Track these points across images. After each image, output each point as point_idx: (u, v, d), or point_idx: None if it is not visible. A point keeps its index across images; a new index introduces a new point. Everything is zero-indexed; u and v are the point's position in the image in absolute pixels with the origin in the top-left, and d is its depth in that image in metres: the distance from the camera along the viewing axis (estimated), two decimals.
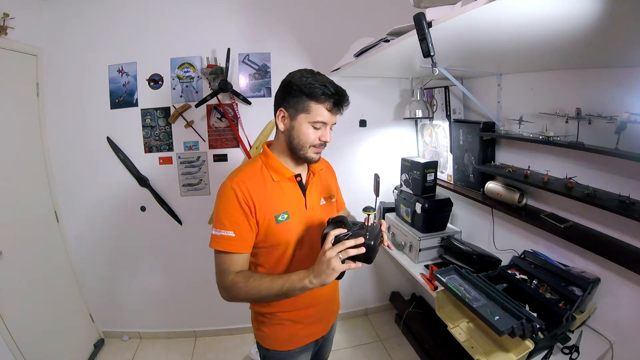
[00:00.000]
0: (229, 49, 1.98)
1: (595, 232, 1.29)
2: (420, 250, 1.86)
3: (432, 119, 2.14)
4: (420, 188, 1.93)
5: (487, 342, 1.28)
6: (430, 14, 0.92)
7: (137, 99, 2.08)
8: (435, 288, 1.57)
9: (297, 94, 0.95)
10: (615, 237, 1.22)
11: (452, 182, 2.02)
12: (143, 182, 2.14)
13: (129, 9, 1.99)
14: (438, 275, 1.45)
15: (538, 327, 1.11)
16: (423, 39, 0.93)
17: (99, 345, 2.28)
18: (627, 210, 1.07)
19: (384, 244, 0.97)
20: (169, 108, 2.10)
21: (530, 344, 1.11)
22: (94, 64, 2.02)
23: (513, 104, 1.61)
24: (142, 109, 2.09)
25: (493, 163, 1.70)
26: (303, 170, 1.10)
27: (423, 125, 2.30)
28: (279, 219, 1.00)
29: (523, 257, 1.51)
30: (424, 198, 1.90)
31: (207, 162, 2.18)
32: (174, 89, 2.09)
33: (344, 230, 0.87)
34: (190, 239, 2.22)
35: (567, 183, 1.28)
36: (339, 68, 1.87)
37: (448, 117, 1.98)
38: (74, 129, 2.07)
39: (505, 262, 1.58)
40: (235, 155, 2.20)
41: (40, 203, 2.00)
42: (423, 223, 1.89)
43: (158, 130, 2.12)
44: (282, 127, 1.01)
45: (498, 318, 1.17)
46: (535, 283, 1.37)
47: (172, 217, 2.21)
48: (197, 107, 2.06)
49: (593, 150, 1.16)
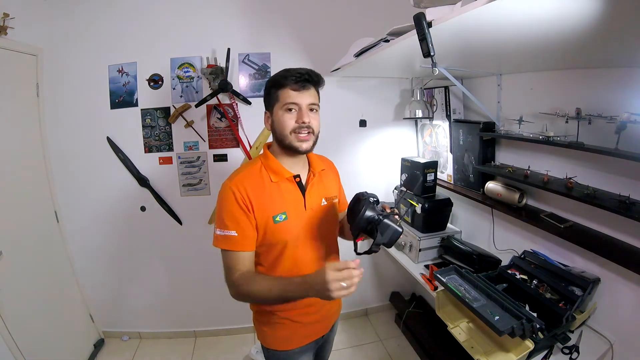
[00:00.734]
0: (229, 49, 1.98)
1: (595, 232, 1.29)
2: (420, 250, 1.86)
3: (432, 119, 2.14)
4: (420, 188, 1.93)
5: (487, 342, 1.28)
6: (430, 14, 0.92)
7: (137, 99, 2.08)
8: (435, 288, 1.57)
9: (269, 91, 1.02)
10: (615, 237, 1.22)
11: (452, 182, 2.02)
12: (143, 182, 2.14)
13: (129, 9, 1.99)
14: (438, 275, 1.45)
15: (538, 327, 1.11)
16: (423, 39, 0.93)
17: (99, 345, 2.28)
18: (627, 210, 1.07)
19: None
20: (169, 108, 2.10)
21: (530, 344, 1.11)
22: (94, 64, 2.02)
23: (513, 104, 1.61)
24: (142, 109, 2.09)
25: (493, 163, 1.70)
26: (303, 171, 1.10)
27: (423, 125, 2.30)
28: (277, 219, 1.01)
29: (523, 257, 1.51)
30: (424, 198, 1.90)
31: (207, 162, 2.18)
32: (174, 89, 2.09)
33: (357, 264, 0.84)
34: (190, 239, 2.22)
35: (567, 183, 1.28)
36: (339, 68, 1.87)
37: (448, 117, 1.98)
38: (74, 129, 2.07)
39: (505, 262, 1.58)
40: (235, 155, 2.20)
41: (40, 203, 2.00)
42: (423, 223, 1.89)
43: (158, 130, 2.12)
44: (268, 127, 1.05)
45: (498, 318, 1.17)
46: (535, 283, 1.37)
47: (172, 217, 2.21)
48: (197, 107, 2.06)
49: (593, 150, 1.16)
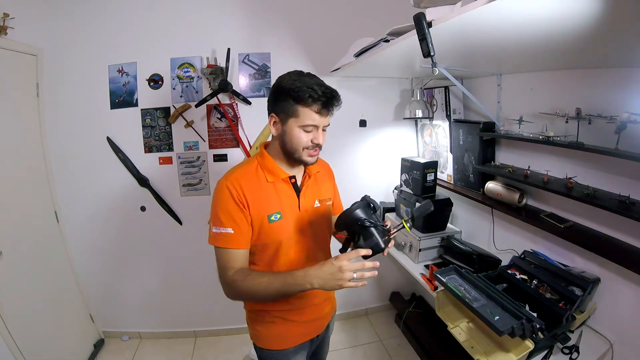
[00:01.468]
0: (229, 49, 1.98)
1: (595, 232, 1.29)
2: (420, 250, 1.86)
3: (432, 119, 2.14)
4: (420, 188, 1.93)
5: (487, 342, 1.28)
6: (430, 14, 0.92)
7: (137, 99, 2.08)
8: (435, 288, 1.57)
9: (285, 99, 0.95)
10: (615, 237, 1.22)
11: (452, 182, 2.02)
12: (143, 182, 2.14)
13: (129, 9, 1.99)
14: (438, 275, 1.45)
15: (538, 327, 1.11)
16: (423, 39, 0.93)
17: (99, 345, 2.28)
18: (627, 210, 1.07)
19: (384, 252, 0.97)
20: (169, 108, 2.10)
21: (530, 344, 1.11)
22: (94, 64, 2.02)
23: (513, 104, 1.61)
24: (142, 109, 2.09)
25: (493, 163, 1.70)
26: (298, 172, 1.10)
27: (423, 125, 2.30)
28: (272, 219, 1.01)
29: (523, 257, 1.51)
30: (424, 198, 1.90)
31: (207, 162, 2.18)
32: (174, 89, 2.09)
33: (369, 252, 0.89)
34: (190, 239, 2.22)
35: (567, 183, 1.28)
36: (339, 68, 1.87)
37: (448, 117, 1.98)
38: (74, 129, 2.07)
39: (505, 262, 1.57)
40: (235, 155, 2.20)
41: (40, 203, 2.00)
42: (423, 223, 1.89)
43: (158, 130, 2.12)
44: (274, 132, 1.02)
45: (498, 318, 1.17)
46: (535, 283, 1.37)
47: (172, 217, 2.21)
48: (197, 107, 2.06)
49: (593, 150, 1.16)
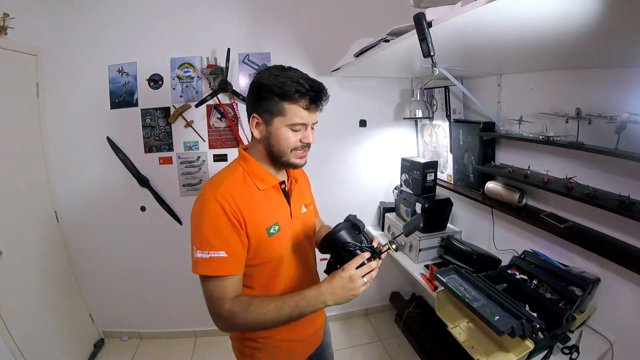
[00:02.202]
0: (229, 49, 1.98)
1: (595, 232, 1.28)
2: (420, 250, 1.86)
3: (432, 119, 2.14)
4: (420, 188, 1.93)
5: (487, 342, 1.28)
6: (430, 14, 0.92)
7: (137, 99, 2.08)
8: (435, 288, 1.57)
9: (268, 96, 0.86)
10: (615, 237, 1.22)
11: (452, 182, 2.02)
12: (143, 182, 2.14)
13: (129, 9, 1.99)
14: (438, 275, 1.45)
15: (538, 327, 1.11)
16: (423, 39, 0.93)
17: (99, 345, 2.28)
18: (627, 210, 1.07)
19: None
20: (169, 108, 2.10)
21: (530, 344, 1.11)
22: (94, 64, 2.02)
23: (513, 104, 1.61)
24: (142, 109, 2.09)
25: (493, 163, 1.70)
26: (284, 177, 1.03)
27: (423, 125, 2.30)
28: (271, 232, 0.91)
29: (523, 257, 1.51)
30: (424, 198, 1.90)
31: (207, 162, 2.18)
32: (174, 89, 2.09)
33: (369, 255, 0.85)
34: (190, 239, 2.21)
35: (567, 183, 1.28)
36: (339, 68, 1.87)
37: (448, 117, 1.98)
38: (74, 129, 2.07)
39: (505, 262, 1.57)
40: (235, 156, 2.18)
41: (40, 203, 2.00)
42: (423, 223, 1.89)
43: (158, 130, 2.12)
44: (257, 134, 0.91)
45: (498, 318, 1.16)
46: (535, 283, 1.37)
47: (172, 217, 2.21)
48: (197, 107, 2.06)
49: (593, 150, 1.16)
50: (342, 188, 2.33)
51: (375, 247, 0.88)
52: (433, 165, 1.94)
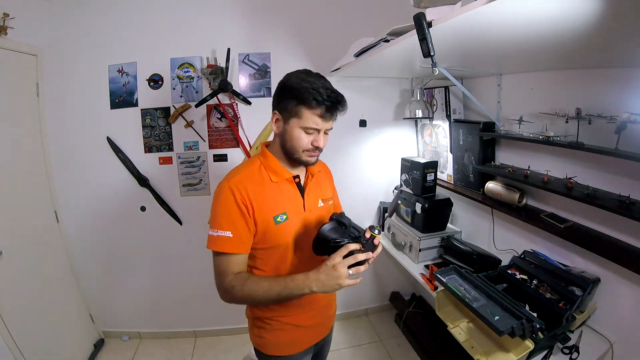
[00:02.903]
0: (229, 49, 1.98)
1: (595, 232, 1.29)
2: (420, 250, 1.86)
3: (432, 119, 2.14)
4: (420, 188, 1.93)
5: (487, 342, 1.27)
6: (430, 14, 0.92)
7: (137, 99, 2.08)
8: (435, 288, 1.57)
9: (289, 98, 0.94)
10: (615, 237, 1.22)
11: (452, 182, 2.02)
12: (143, 182, 2.14)
13: (129, 9, 1.99)
14: (438, 275, 1.45)
15: (538, 327, 1.11)
16: (423, 39, 0.93)
17: (99, 345, 2.28)
18: (627, 210, 1.07)
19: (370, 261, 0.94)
20: (169, 108, 2.09)
21: (530, 344, 1.11)
22: (94, 64, 2.02)
23: (513, 104, 1.61)
24: (142, 109, 2.09)
25: (493, 163, 1.70)
26: (301, 172, 1.09)
27: (423, 125, 2.30)
28: (278, 220, 0.99)
29: (523, 257, 1.51)
30: (424, 198, 1.90)
31: (207, 162, 2.18)
32: (174, 89, 2.09)
33: (358, 246, 0.89)
34: (190, 239, 2.22)
35: (567, 183, 1.28)
36: (339, 68, 1.87)
37: (448, 117, 1.98)
38: (74, 129, 2.07)
39: (505, 262, 1.58)
40: (235, 155, 2.20)
41: (40, 203, 1.99)
42: (423, 223, 1.89)
43: (158, 130, 2.12)
44: (275, 129, 1.00)
45: (498, 318, 1.17)
46: (535, 283, 1.37)
47: (172, 217, 2.21)
48: (197, 107, 2.06)
49: (593, 150, 1.16)
50: (342, 188, 2.31)
51: (367, 237, 0.92)
52: (433, 165, 1.94)
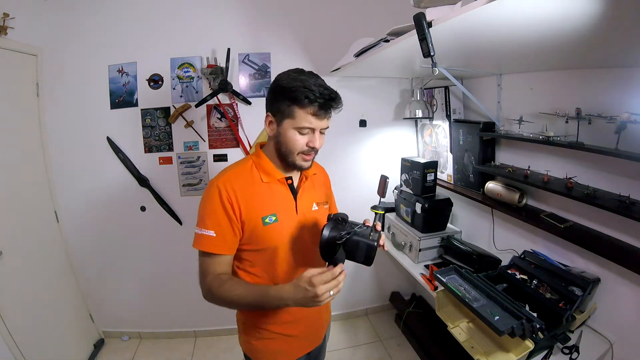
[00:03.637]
0: (229, 49, 1.98)
1: (595, 232, 1.29)
2: (420, 250, 1.86)
3: (432, 119, 2.14)
4: (420, 188, 1.93)
5: (487, 342, 1.27)
6: (430, 14, 0.92)
7: (137, 99, 2.08)
8: (435, 288, 1.57)
9: (281, 98, 0.91)
10: (615, 237, 1.22)
11: (452, 182, 2.02)
12: (143, 182, 2.14)
13: (129, 9, 1.99)
14: (438, 275, 1.45)
15: (538, 327, 1.11)
16: (423, 39, 0.93)
17: (99, 345, 2.28)
18: (627, 210, 1.07)
19: (381, 245, 0.95)
20: (169, 108, 2.09)
21: (530, 344, 1.11)
22: (94, 64, 2.02)
23: (513, 104, 1.61)
24: (142, 109, 2.09)
25: (493, 163, 1.70)
26: (295, 174, 1.06)
27: (423, 125, 2.30)
28: (266, 221, 0.96)
29: (523, 257, 1.51)
30: (424, 198, 1.90)
31: (207, 162, 2.18)
32: (174, 89, 2.09)
33: (337, 272, 0.81)
34: (190, 239, 2.16)
35: (567, 183, 1.28)
36: (339, 68, 1.87)
37: (448, 117, 1.98)
38: (74, 129, 2.07)
39: (505, 262, 1.58)
40: (235, 155, 2.20)
41: (40, 203, 1.99)
42: (423, 223, 1.89)
43: (158, 130, 2.12)
44: (269, 132, 0.98)
45: (498, 318, 1.17)
46: (535, 283, 1.37)
47: (172, 217, 2.21)
48: (197, 107, 2.06)
49: (593, 150, 1.16)
50: (342, 188, 2.32)
51: (369, 224, 0.92)
52: (433, 165, 1.94)
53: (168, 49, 2.05)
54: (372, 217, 0.94)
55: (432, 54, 0.96)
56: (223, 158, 2.19)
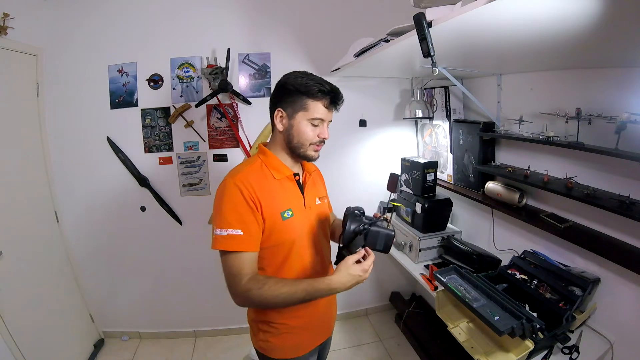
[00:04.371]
0: (229, 49, 1.98)
1: (595, 232, 1.29)
2: (420, 250, 1.86)
3: (432, 119, 2.14)
4: (420, 188, 1.93)
5: (487, 342, 1.28)
6: (430, 14, 0.92)
7: (137, 99, 2.08)
8: (435, 288, 1.57)
9: (294, 93, 0.98)
10: (615, 237, 1.22)
11: (452, 182, 2.02)
12: (143, 182, 2.14)
13: (129, 9, 1.99)
14: (438, 275, 1.45)
15: (538, 327, 1.11)
16: (423, 39, 0.93)
17: (99, 345, 2.28)
18: (627, 210, 1.07)
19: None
20: (169, 108, 2.10)
21: (530, 344, 1.11)
22: (94, 64, 2.02)
23: (513, 104, 1.61)
24: (142, 109, 2.09)
25: (493, 163, 1.70)
26: (300, 171, 1.12)
27: (423, 125, 2.30)
28: (285, 216, 1.00)
29: (523, 257, 1.51)
30: (424, 198, 1.90)
31: (207, 162, 2.18)
32: (174, 89, 2.09)
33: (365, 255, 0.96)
34: (190, 239, 2.22)
35: (567, 183, 1.28)
36: (339, 68, 1.87)
37: (448, 117, 1.98)
38: (74, 129, 2.07)
39: (505, 262, 1.58)
40: (235, 155, 2.20)
41: (40, 203, 1.99)
42: (423, 223, 1.89)
43: (158, 130, 2.12)
44: (280, 127, 1.02)
45: (498, 318, 1.17)
46: (535, 283, 1.37)
47: (172, 217, 2.21)
48: (197, 107, 2.06)
49: (593, 150, 1.16)
50: (342, 188, 2.33)
51: (381, 216, 1.00)
52: (433, 165, 1.94)
53: (168, 49, 2.05)
54: (374, 211, 0.99)
55: (432, 54, 0.96)
56: (223, 158, 2.19)
